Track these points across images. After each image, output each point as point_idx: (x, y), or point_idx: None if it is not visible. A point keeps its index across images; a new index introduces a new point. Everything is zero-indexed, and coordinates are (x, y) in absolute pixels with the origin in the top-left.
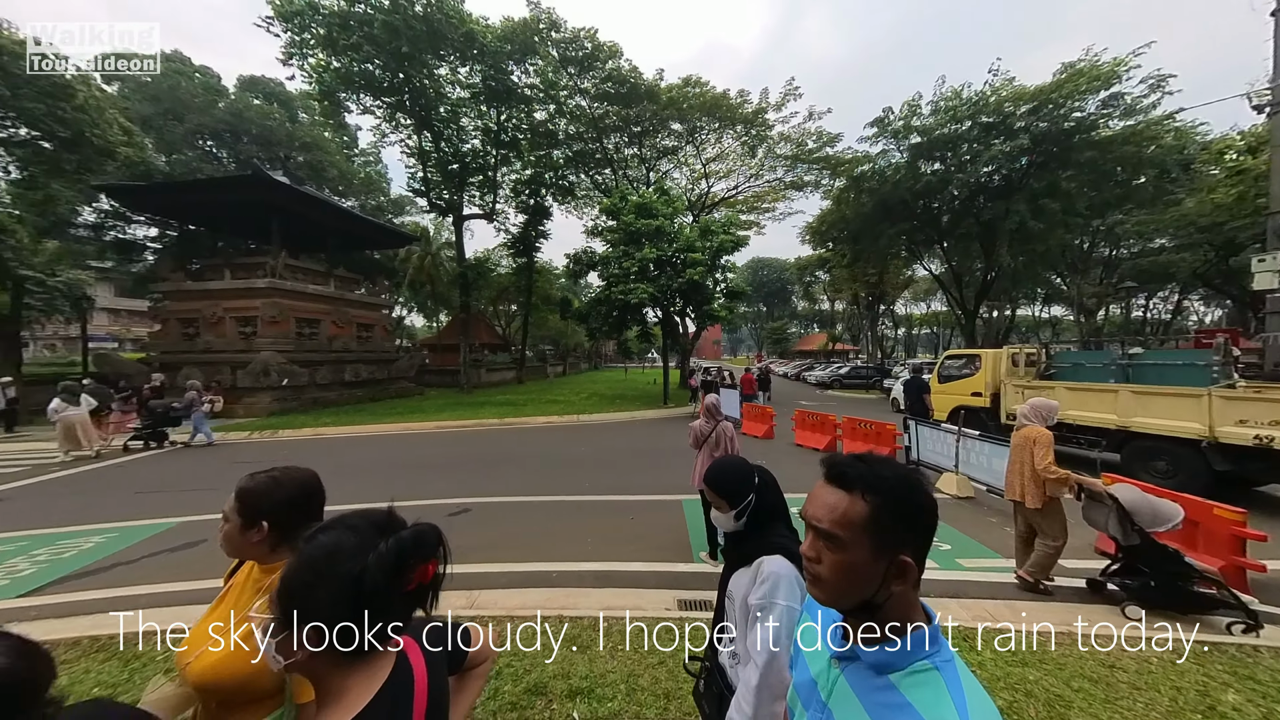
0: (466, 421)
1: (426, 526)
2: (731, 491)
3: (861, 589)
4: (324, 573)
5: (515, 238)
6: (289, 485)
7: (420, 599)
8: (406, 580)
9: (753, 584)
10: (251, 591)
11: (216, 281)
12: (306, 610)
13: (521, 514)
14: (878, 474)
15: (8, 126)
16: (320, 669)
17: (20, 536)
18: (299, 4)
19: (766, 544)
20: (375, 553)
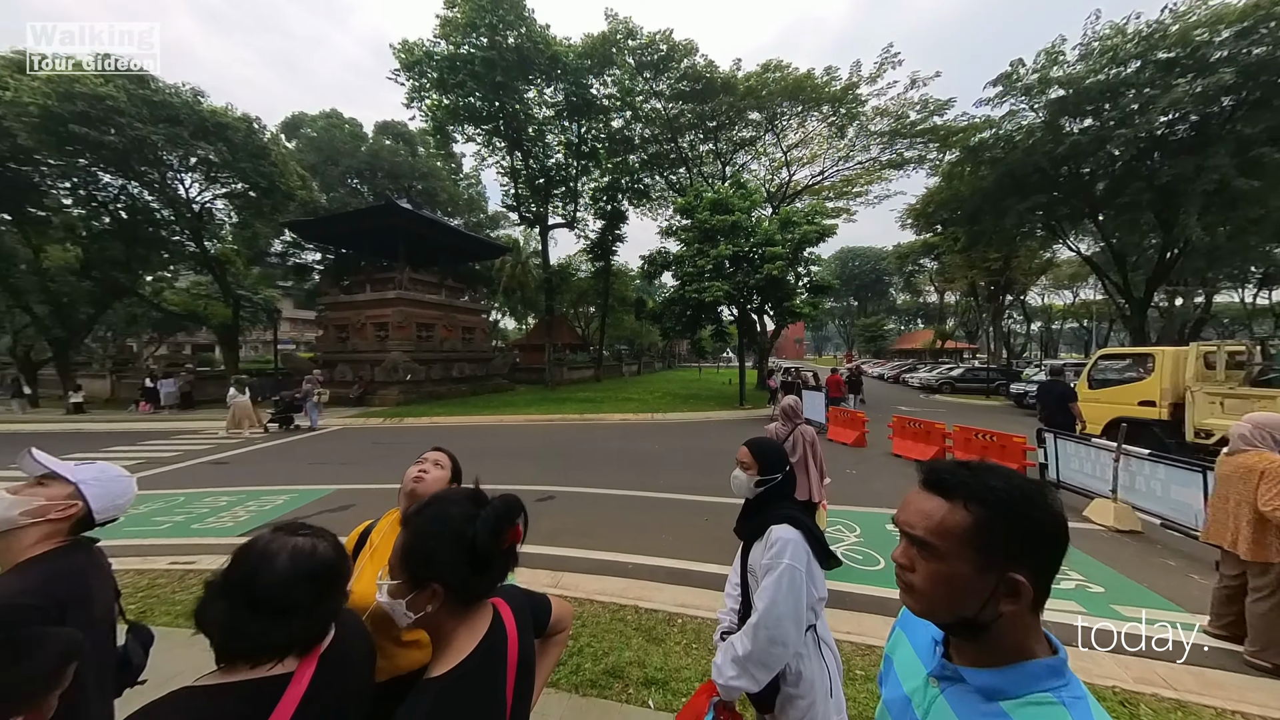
0: (551, 416)
1: (512, 497)
2: (769, 462)
3: (961, 604)
4: (443, 538)
5: (593, 243)
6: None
7: (510, 558)
8: (503, 541)
9: (765, 551)
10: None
11: (360, 294)
12: (432, 571)
13: (601, 505)
14: (985, 483)
15: (230, 183)
16: (442, 620)
17: (238, 491)
18: (419, 54)
19: (775, 514)
20: (480, 519)
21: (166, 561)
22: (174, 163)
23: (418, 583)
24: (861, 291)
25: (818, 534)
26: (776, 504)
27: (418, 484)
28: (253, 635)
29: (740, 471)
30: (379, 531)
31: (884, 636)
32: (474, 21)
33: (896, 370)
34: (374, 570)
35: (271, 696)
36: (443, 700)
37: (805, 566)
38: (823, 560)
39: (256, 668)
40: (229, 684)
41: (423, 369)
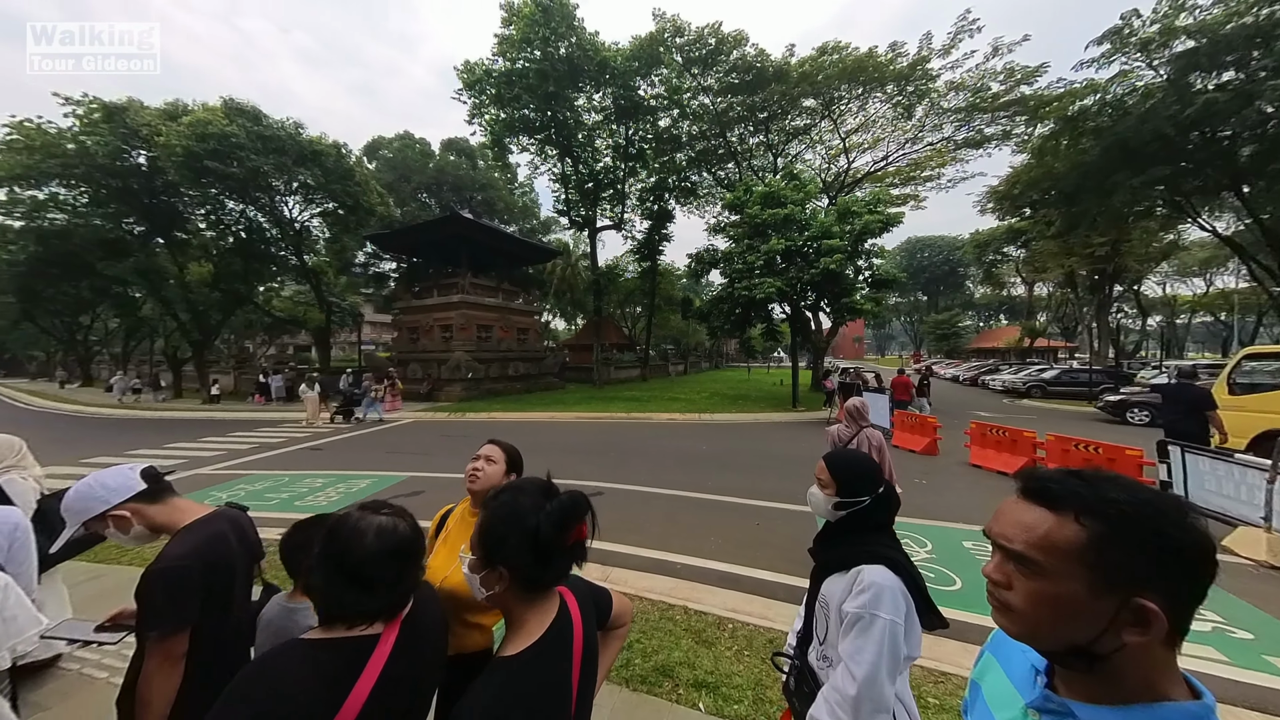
0: (599, 414)
1: (580, 495)
2: (849, 479)
3: (1070, 629)
4: (512, 525)
5: (640, 243)
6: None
7: (576, 554)
8: (568, 536)
9: (849, 591)
10: (467, 528)
11: (428, 299)
12: (500, 554)
13: (649, 503)
14: (1103, 495)
15: (324, 202)
16: (509, 601)
17: (330, 474)
18: (479, 74)
19: (868, 552)
20: (545, 511)
21: (276, 533)
22: (280, 187)
23: (488, 562)
24: (932, 285)
25: (920, 583)
26: (869, 535)
27: (473, 484)
28: (346, 603)
29: (817, 489)
30: (454, 518)
31: (960, 664)
32: (528, 36)
33: (974, 371)
34: (447, 553)
35: (363, 654)
36: (515, 679)
37: (904, 620)
38: (924, 615)
39: (352, 629)
40: (329, 639)
41: (482, 367)
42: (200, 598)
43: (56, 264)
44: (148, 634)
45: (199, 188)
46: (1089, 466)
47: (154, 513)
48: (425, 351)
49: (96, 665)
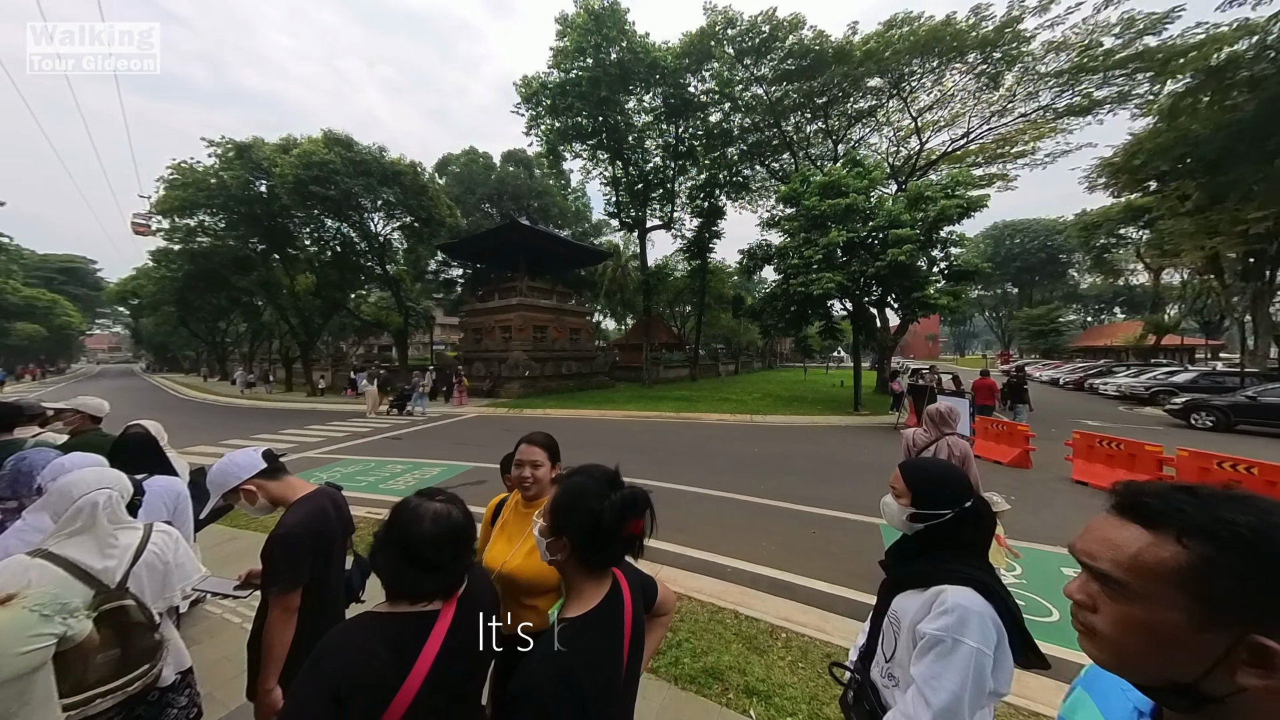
0: (648, 413)
1: (642, 492)
2: (927, 489)
3: (1167, 663)
4: (577, 504)
5: (690, 241)
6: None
7: (631, 545)
8: (625, 527)
9: (926, 610)
10: (520, 520)
11: (490, 302)
12: (566, 527)
13: (697, 504)
14: (1217, 514)
15: (403, 217)
16: (571, 570)
17: (406, 461)
18: (535, 87)
19: (954, 572)
20: (609, 501)
21: (364, 510)
22: (367, 205)
23: (554, 531)
24: (1024, 275)
25: (1016, 614)
26: (954, 554)
27: (527, 491)
28: (408, 582)
29: (891, 498)
30: (508, 508)
31: (1049, 702)
32: (581, 46)
33: (1080, 374)
34: (505, 542)
35: (425, 626)
36: (577, 635)
37: (993, 650)
38: (1020, 651)
39: (415, 604)
40: (396, 614)
41: (538, 366)
42: (308, 562)
43: (202, 279)
44: (270, 590)
45: (304, 209)
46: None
47: (273, 488)
48: (488, 351)
49: (233, 611)
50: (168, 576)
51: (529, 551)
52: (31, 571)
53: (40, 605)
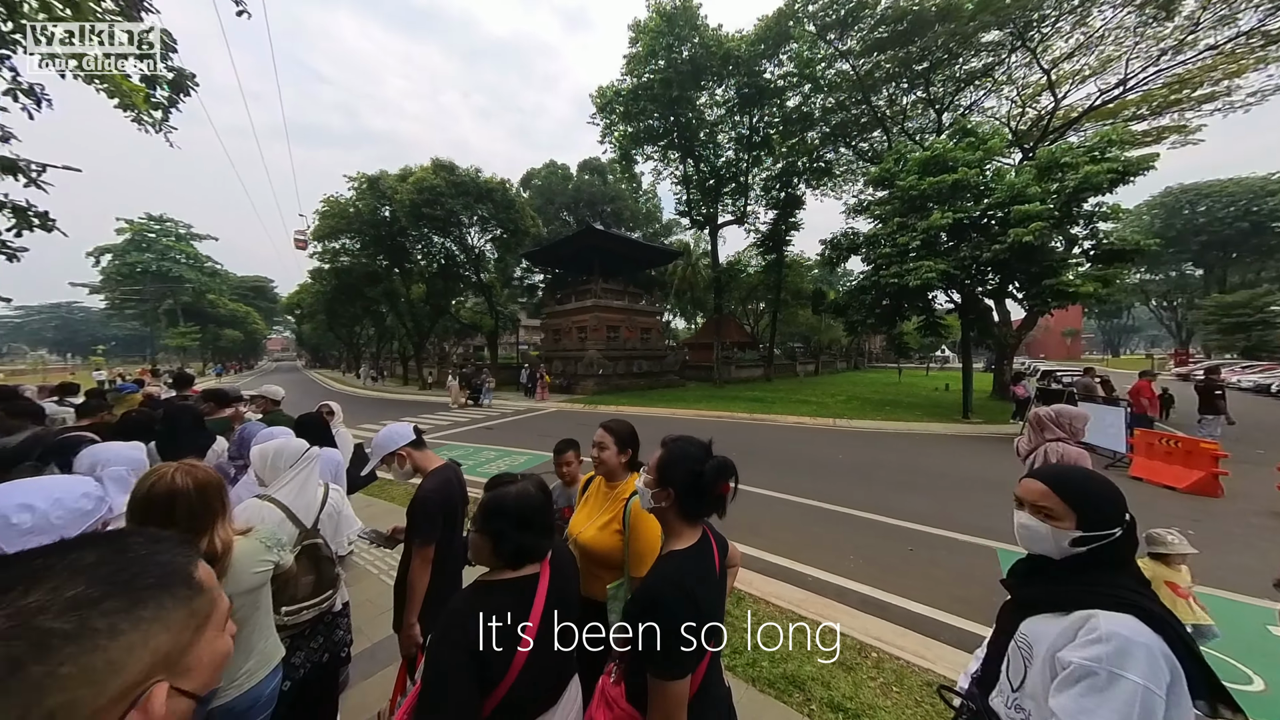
0: (720, 413)
1: (729, 460)
2: (1094, 504)
3: None
4: (681, 463)
5: (764, 235)
6: (629, 436)
7: (719, 505)
8: (719, 487)
9: (1071, 638)
10: (602, 499)
11: (568, 304)
12: (672, 481)
13: (772, 508)
14: None
15: (494, 229)
16: (671, 517)
17: (498, 449)
18: (609, 95)
19: (1107, 595)
20: (710, 462)
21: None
22: (465, 221)
23: (660, 483)
24: (1212, 253)
25: (1193, 647)
26: (1105, 575)
27: (598, 467)
28: (527, 546)
29: (1031, 519)
30: (594, 486)
31: None
32: (653, 49)
33: None
34: (585, 515)
35: (530, 589)
36: (686, 561)
37: (1164, 691)
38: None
39: (518, 570)
40: (503, 580)
41: (611, 365)
42: (439, 521)
43: (343, 291)
44: (413, 541)
45: (417, 228)
46: None
47: (417, 457)
48: (565, 350)
49: (370, 564)
50: (339, 525)
51: (601, 527)
52: (264, 511)
53: (265, 539)
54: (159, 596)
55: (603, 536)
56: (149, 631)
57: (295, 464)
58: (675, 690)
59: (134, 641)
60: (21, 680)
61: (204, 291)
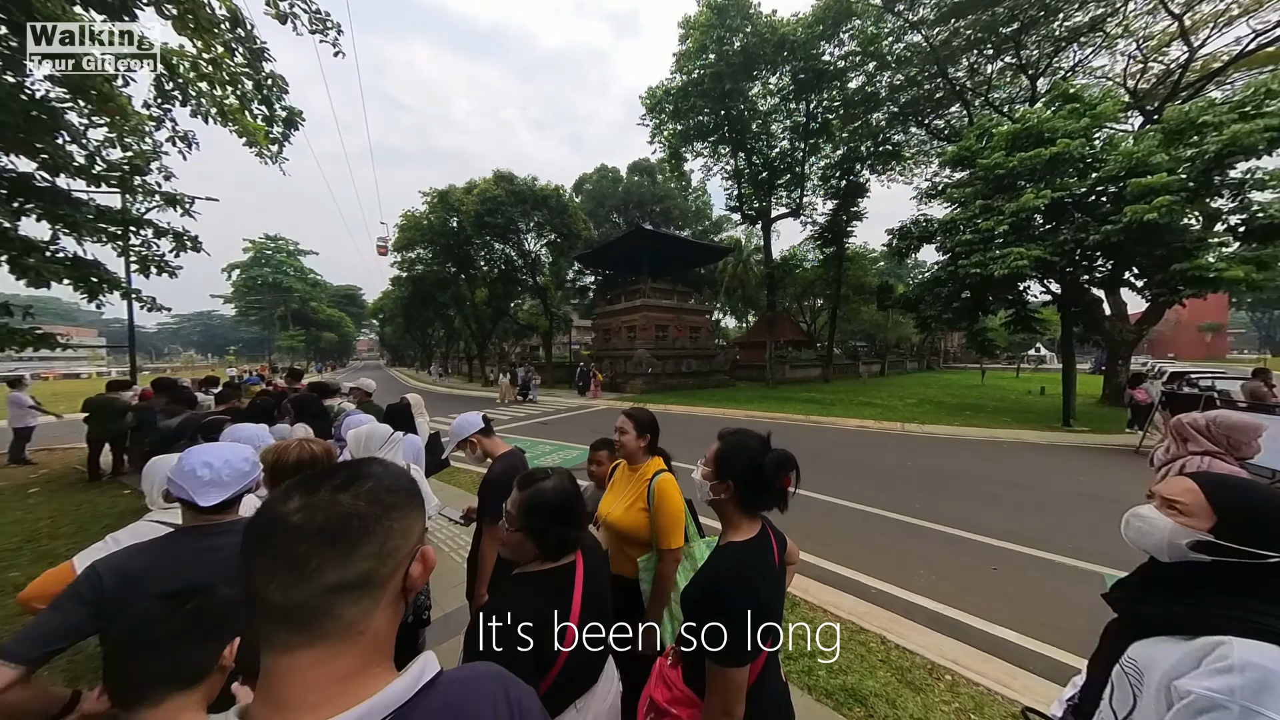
0: (772, 414)
1: (789, 453)
2: (1246, 514)
3: None
4: (740, 455)
5: (823, 227)
6: (648, 422)
7: (780, 498)
8: (780, 480)
9: (1195, 664)
10: (625, 481)
11: (617, 304)
12: (731, 473)
13: (832, 515)
14: None
15: (548, 234)
16: (728, 508)
17: (553, 444)
18: (659, 95)
19: (1243, 620)
20: (770, 454)
21: None
22: (522, 228)
23: (719, 475)
24: None
25: None
26: (1239, 598)
27: (619, 450)
28: (569, 539)
29: (1150, 509)
30: (619, 472)
31: None
32: (704, 44)
33: None
34: (613, 497)
35: (569, 577)
36: (746, 553)
37: None
38: None
39: (559, 560)
40: (543, 570)
41: (660, 364)
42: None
43: (418, 297)
44: (484, 520)
45: (480, 236)
46: None
47: (486, 444)
48: (615, 350)
49: (442, 542)
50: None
51: (628, 507)
52: None
53: None
54: (417, 499)
55: (629, 516)
56: (417, 518)
57: (382, 446)
58: (734, 677)
59: (414, 520)
60: (380, 524)
61: (307, 299)
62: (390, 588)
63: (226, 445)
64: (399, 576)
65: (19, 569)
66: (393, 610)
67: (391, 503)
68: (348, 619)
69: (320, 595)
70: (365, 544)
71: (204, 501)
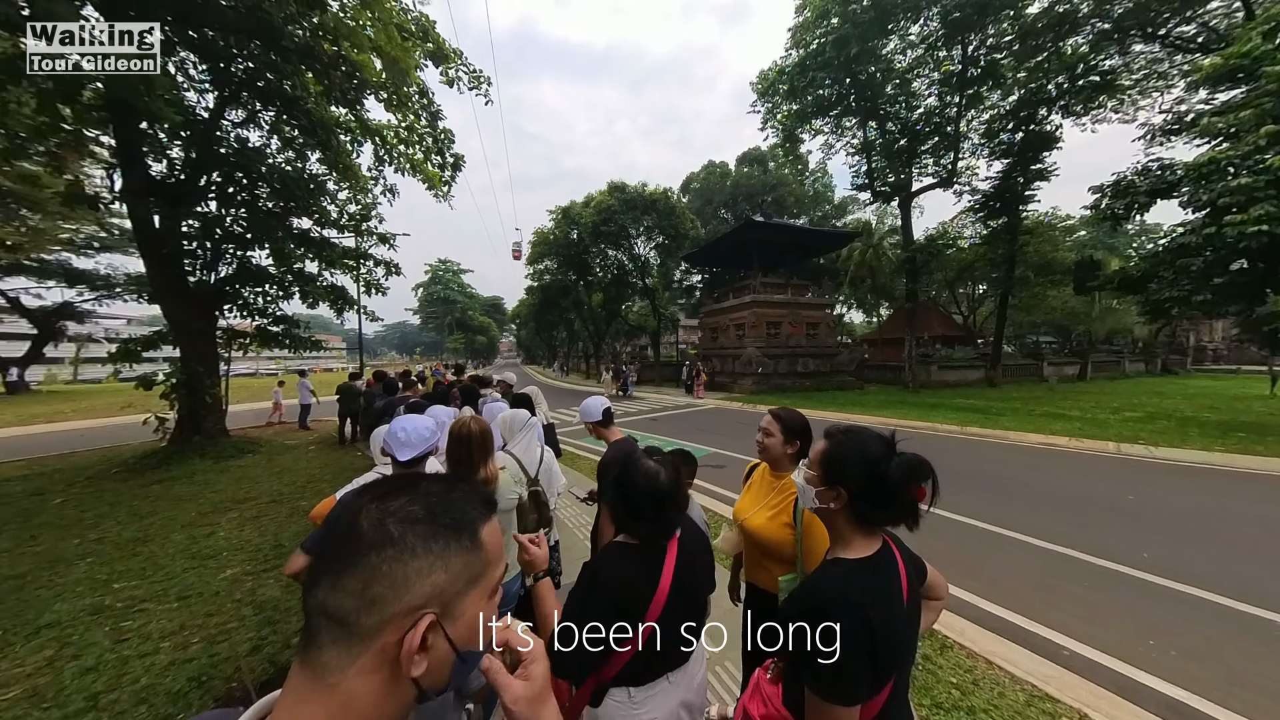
0: (914, 421)
1: (924, 459)
2: None
3: None
4: (855, 458)
5: (987, 195)
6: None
7: (912, 512)
8: (910, 489)
9: None
10: (766, 488)
11: (725, 302)
12: (842, 478)
13: (1000, 548)
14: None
15: (656, 237)
16: (839, 520)
17: (662, 440)
18: (772, 77)
19: None
20: (897, 458)
21: None
22: (632, 233)
23: (826, 480)
24: None
25: None
26: None
27: (761, 452)
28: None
29: None
30: (758, 473)
31: None
32: (825, 9)
33: None
34: (749, 499)
35: (660, 555)
36: (859, 573)
37: None
38: None
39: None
40: (636, 545)
41: (772, 363)
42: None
43: (546, 304)
44: (601, 500)
45: (596, 244)
46: None
47: (603, 431)
48: (722, 348)
49: (568, 518)
50: (552, 480)
51: (770, 517)
52: (508, 460)
53: (512, 475)
54: (446, 537)
55: (771, 527)
56: (431, 564)
57: (523, 428)
58: (838, 716)
59: (421, 566)
60: (367, 559)
61: (466, 309)
62: (375, 646)
63: (416, 416)
64: (387, 636)
65: (305, 499)
66: (380, 679)
67: (394, 536)
68: (326, 655)
69: (313, 610)
70: (350, 574)
71: (401, 457)
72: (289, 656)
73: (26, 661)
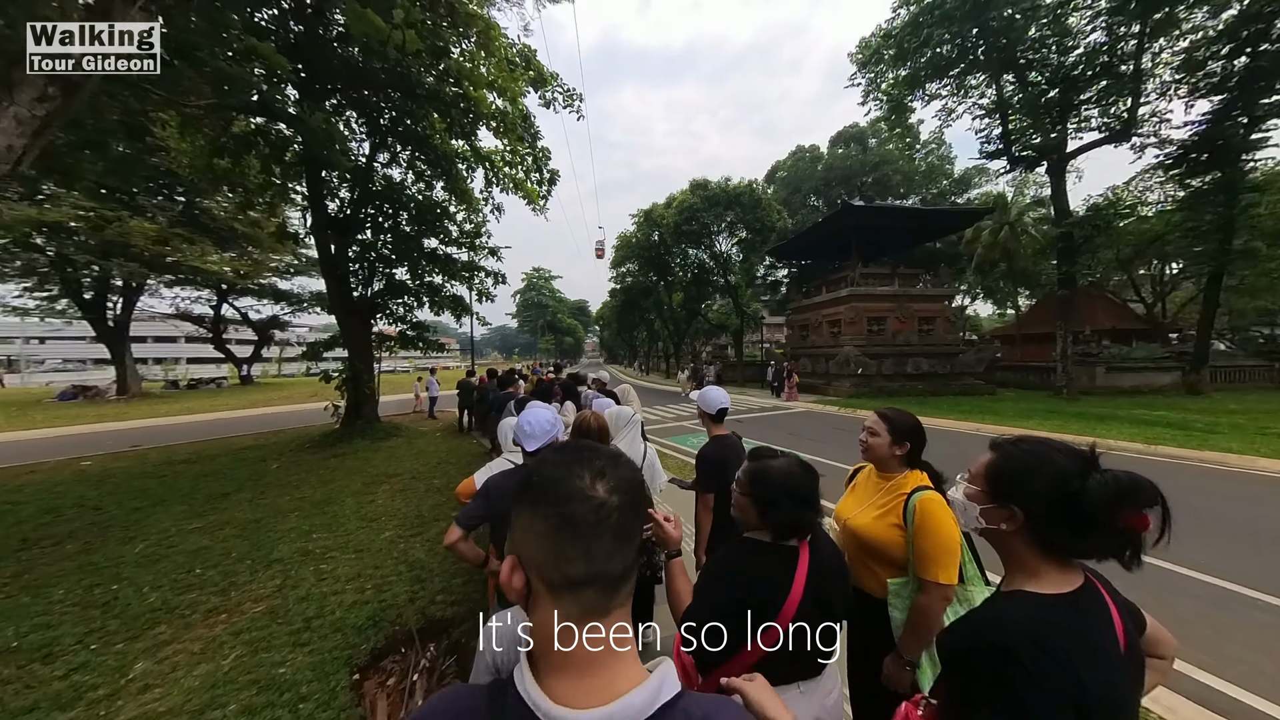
0: (1071, 436)
1: (1146, 480)
2: None
3: None
4: (1038, 471)
5: (1186, 145)
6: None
7: (1128, 546)
8: (1121, 515)
9: None
10: (873, 488)
11: (817, 297)
12: (1019, 495)
13: (1232, 611)
14: None
15: (739, 232)
16: (1016, 545)
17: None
18: (874, 45)
19: None
20: (1098, 477)
21: None
22: (714, 230)
23: (997, 497)
24: None
25: None
26: None
27: (865, 453)
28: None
29: None
30: (864, 475)
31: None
32: None
33: None
34: (854, 501)
35: (791, 561)
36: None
37: None
38: None
39: (781, 539)
40: (769, 543)
41: (873, 363)
42: (716, 476)
43: (627, 305)
44: (699, 489)
45: (677, 245)
46: None
47: (712, 426)
48: (814, 347)
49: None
50: (654, 475)
51: (877, 516)
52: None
53: None
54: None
55: (878, 527)
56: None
57: (628, 424)
58: None
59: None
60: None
61: (556, 313)
62: None
63: (541, 410)
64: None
65: (437, 478)
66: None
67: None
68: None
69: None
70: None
71: (529, 447)
72: (435, 610)
73: (267, 586)
